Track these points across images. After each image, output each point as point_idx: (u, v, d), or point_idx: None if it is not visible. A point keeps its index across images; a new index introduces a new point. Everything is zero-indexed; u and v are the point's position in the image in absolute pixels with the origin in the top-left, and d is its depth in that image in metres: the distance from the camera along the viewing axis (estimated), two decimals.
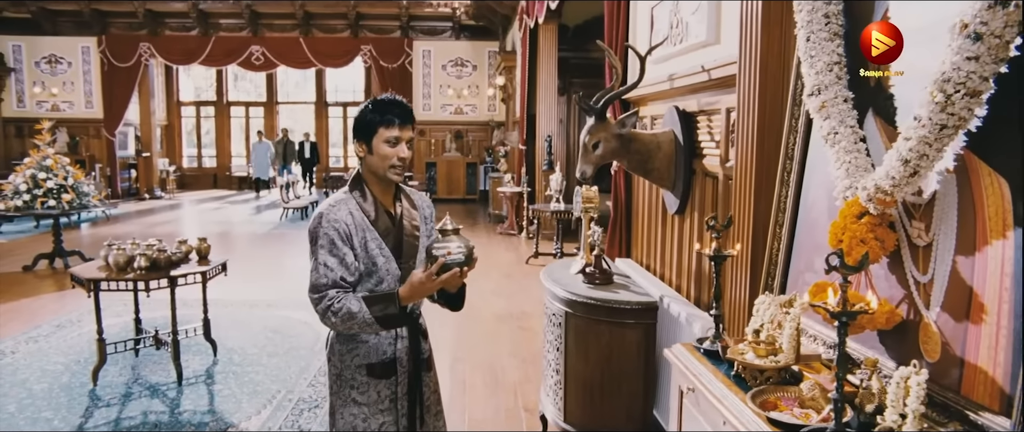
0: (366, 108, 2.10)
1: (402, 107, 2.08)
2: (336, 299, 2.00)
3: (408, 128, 2.08)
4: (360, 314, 1.98)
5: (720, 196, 2.98)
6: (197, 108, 19.78)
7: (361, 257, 2.07)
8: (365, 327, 2.02)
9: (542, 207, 8.36)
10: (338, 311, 1.99)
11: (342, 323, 2.01)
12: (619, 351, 3.13)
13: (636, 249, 4.29)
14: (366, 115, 2.08)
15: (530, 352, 5.10)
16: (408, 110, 2.10)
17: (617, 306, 3.11)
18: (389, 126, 2.05)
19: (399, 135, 2.06)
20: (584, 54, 11.06)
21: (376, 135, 2.06)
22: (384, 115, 2.05)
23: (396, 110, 2.06)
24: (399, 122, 2.05)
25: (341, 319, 1.99)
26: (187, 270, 4.33)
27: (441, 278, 1.98)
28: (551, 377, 3.50)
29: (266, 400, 4.14)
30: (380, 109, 2.06)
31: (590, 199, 3.74)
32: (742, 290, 2.49)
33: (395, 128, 2.05)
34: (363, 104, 2.13)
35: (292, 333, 5.49)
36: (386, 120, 2.04)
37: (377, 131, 2.05)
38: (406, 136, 2.08)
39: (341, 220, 2.04)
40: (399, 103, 2.09)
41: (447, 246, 1.99)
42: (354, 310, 1.98)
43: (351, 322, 2.00)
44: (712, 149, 3.09)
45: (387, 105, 2.07)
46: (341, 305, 1.99)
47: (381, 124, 2.05)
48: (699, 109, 3.22)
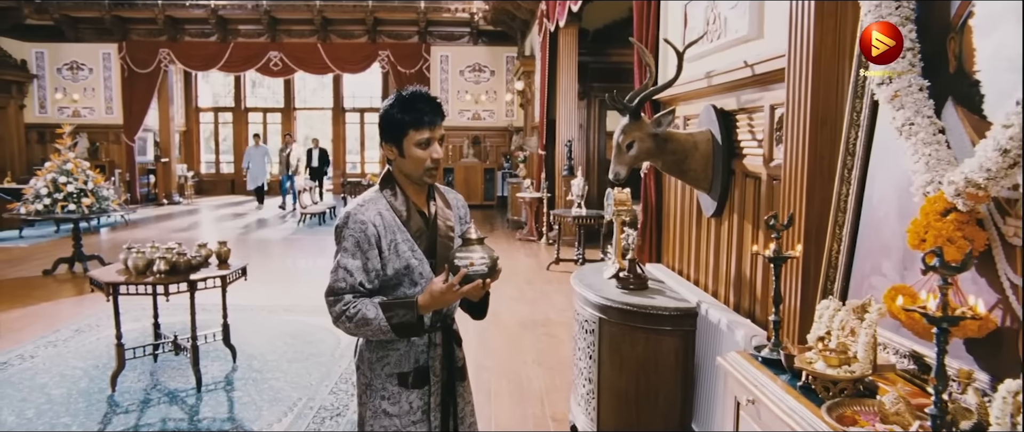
0: (392, 107, 1.95)
1: (430, 103, 1.95)
2: (351, 304, 1.90)
3: (439, 125, 1.95)
4: (375, 321, 1.87)
5: (763, 197, 2.84)
6: (215, 114, 19.91)
7: (392, 259, 1.95)
8: (379, 334, 1.90)
9: (563, 212, 8.23)
10: (353, 316, 1.88)
11: (356, 328, 1.90)
12: (656, 359, 2.99)
13: (667, 253, 4.15)
14: (393, 116, 1.94)
15: (556, 359, 4.96)
16: (437, 105, 1.96)
17: (653, 312, 2.97)
18: (420, 128, 1.92)
19: (431, 136, 1.93)
20: (604, 58, 10.96)
21: (407, 137, 1.93)
22: (413, 115, 1.91)
23: (425, 108, 1.93)
24: (429, 120, 1.92)
25: (355, 324, 1.89)
26: (207, 274, 4.25)
27: (463, 289, 1.86)
28: (582, 386, 3.37)
29: (287, 407, 4.04)
30: (408, 108, 1.92)
31: (623, 202, 3.62)
32: (793, 294, 2.35)
33: (425, 129, 1.92)
34: (387, 101, 1.98)
35: (312, 339, 5.40)
36: (416, 121, 1.91)
37: (407, 133, 1.92)
38: (438, 134, 1.95)
39: (368, 221, 1.93)
40: (426, 98, 1.95)
41: (470, 256, 1.88)
42: (369, 316, 1.88)
43: (365, 328, 1.89)
44: (753, 149, 2.95)
45: (415, 103, 1.93)
46: (356, 310, 1.88)
47: (411, 126, 1.91)
48: (739, 107, 3.08)
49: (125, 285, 4.06)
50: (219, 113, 19.97)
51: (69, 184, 7.53)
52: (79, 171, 7.69)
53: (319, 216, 13.18)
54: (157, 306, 4.77)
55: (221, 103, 20.35)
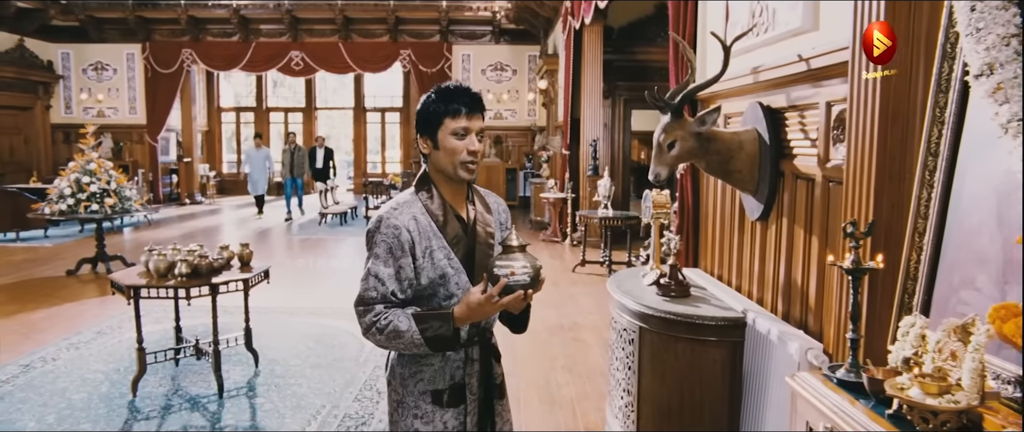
0: (429, 99, 1.84)
1: (470, 94, 1.83)
2: (383, 315, 1.76)
3: (478, 117, 1.82)
4: (408, 333, 1.74)
5: (817, 200, 2.65)
6: (237, 114, 19.98)
7: (426, 268, 1.81)
8: (412, 348, 1.77)
9: (590, 213, 8.06)
10: (384, 327, 1.74)
11: (387, 341, 1.76)
12: (701, 372, 2.82)
13: (705, 258, 3.97)
14: (429, 106, 1.83)
15: (585, 366, 4.80)
16: (477, 97, 1.84)
17: (699, 322, 2.80)
18: (456, 116, 1.79)
19: (468, 125, 1.80)
20: (629, 56, 10.77)
21: (442, 127, 1.80)
22: (450, 104, 1.80)
23: (463, 98, 1.81)
24: (467, 111, 1.80)
25: (386, 336, 1.75)
26: (229, 277, 4.14)
27: (503, 300, 1.71)
28: (620, 397, 3.20)
29: (310, 415, 3.92)
30: (445, 98, 1.81)
31: (661, 204, 3.45)
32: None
33: (463, 118, 1.79)
34: (425, 95, 1.87)
35: (335, 343, 5.28)
36: (452, 109, 1.79)
37: (443, 123, 1.80)
38: (476, 126, 1.82)
39: (402, 226, 1.79)
40: (466, 90, 1.83)
41: (511, 265, 1.73)
42: (402, 328, 1.74)
43: (397, 341, 1.76)
44: (806, 148, 2.76)
45: (453, 93, 1.82)
46: (387, 321, 1.74)
47: (447, 114, 1.79)
48: (789, 104, 2.90)
49: (146, 288, 3.96)
50: (241, 113, 20.03)
51: (92, 184, 7.51)
52: (102, 171, 7.66)
53: (340, 216, 13.11)
54: (178, 309, 4.68)
55: (243, 103, 20.43)
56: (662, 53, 10.68)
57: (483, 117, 1.85)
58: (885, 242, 2.02)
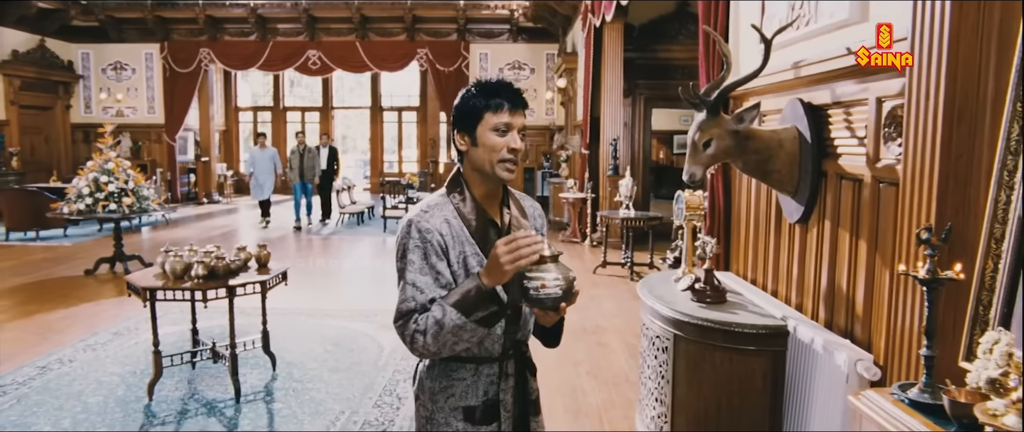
0: (469, 92, 1.73)
1: (512, 89, 1.71)
2: (419, 320, 1.61)
3: (520, 114, 1.70)
4: (447, 317, 1.57)
5: (865, 202, 2.50)
6: (254, 114, 20.02)
7: (460, 276, 1.68)
8: (460, 334, 1.58)
9: (611, 214, 7.91)
10: (426, 329, 1.58)
11: (434, 342, 1.59)
12: (740, 382, 2.68)
13: (737, 261, 3.82)
14: (469, 100, 1.71)
15: (610, 371, 4.66)
16: (519, 93, 1.72)
17: (737, 330, 2.66)
18: (498, 111, 1.67)
19: (510, 121, 1.67)
20: (650, 54, 10.59)
21: (482, 122, 1.68)
22: (491, 98, 1.68)
23: (506, 92, 1.69)
24: (510, 106, 1.67)
25: (433, 337, 1.58)
26: (246, 279, 4.05)
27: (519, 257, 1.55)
28: (652, 407, 3.07)
29: (329, 422, 3.81)
30: (486, 92, 1.69)
31: (695, 206, 3.31)
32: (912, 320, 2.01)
33: (505, 113, 1.67)
34: (464, 90, 1.76)
35: (353, 346, 5.18)
36: (494, 104, 1.67)
37: (483, 117, 1.68)
38: (518, 123, 1.69)
39: (434, 229, 1.66)
40: (508, 85, 1.72)
41: (542, 277, 1.57)
42: (438, 316, 1.58)
43: (443, 335, 1.57)
44: (852, 147, 2.61)
45: (495, 87, 1.70)
46: (425, 322, 1.59)
47: (488, 109, 1.67)
48: (833, 101, 2.75)
49: (162, 290, 3.88)
50: (258, 112, 20.07)
51: (110, 183, 7.47)
52: (120, 170, 7.63)
53: (357, 216, 13.05)
54: (195, 311, 4.60)
55: (260, 103, 20.48)
56: (684, 51, 10.50)
57: (525, 114, 1.73)
58: (950, 249, 1.87)
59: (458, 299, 1.59)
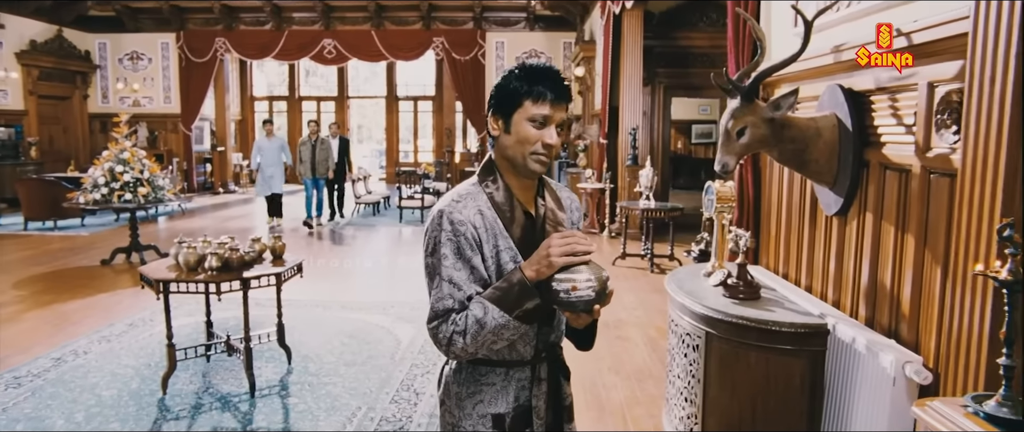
0: (511, 74, 1.58)
1: (558, 79, 1.56)
2: (457, 320, 1.49)
3: (562, 107, 1.56)
4: (488, 316, 1.46)
5: (913, 194, 2.35)
6: (270, 103, 20.01)
7: (492, 272, 1.56)
8: (502, 333, 1.48)
9: (631, 204, 7.75)
10: (465, 330, 1.47)
11: (474, 343, 1.48)
12: (776, 383, 2.54)
13: (768, 255, 3.67)
14: (510, 83, 1.57)
15: (632, 366, 4.54)
16: (565, 85, 1.58)
17: (775, 328, 2.52)
18: (539, 100, 1.53)
19: (550, 114, 1.54)
20: (670, 42, 10.39)
21: (520, 110, 1.54)
22: (535, 85, 1.53)
23: (551, 81, 1.55)
24: (552, 97, 1.53)
25: (472, 338, 1.47)
26: (260, 271, 3.96)
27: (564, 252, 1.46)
28: (681, 407, 2.94)
29: (346, 418, 3.72)
30: (531, 77, 1.55)
31: (726, 198, 3.17)
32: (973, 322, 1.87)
33: (545, 104, 1.53)
34: (508, 70, 1.61)
35: (370, 339, 5.09)
36: (536, 92, 1.53)
37: (522, 104, 1.54)
38: (558, 117, 1.55)
39: (467, 221, 1.53)
40: (556, 73, 1.57)
41: (573, 278, 1.46)
42: (479, 315, 1.46)
43: (483, 334, 1.47)
44: (899, 135, 2.46)
45: (540, 73, 1.55)
46: (464, 322, 1.48)
47: (529, 96, 1.53)
48: (876, 86, 2.59)
49: (176, 282, 3.80)
50: (274, 102, 20.05)
51: (125, 173, 7.43)
52: (135, 160, 7.58)
53: (373, 206, 12.98)
54: (210, 303, 4.52)
55: (275, 92, 20.45)
56: (704, 38, 10.30)
57: (567, 109, 1.59)
58: None
59: (500, 295, 1.48)
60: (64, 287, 6.83)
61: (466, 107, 15.54)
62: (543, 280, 1.48)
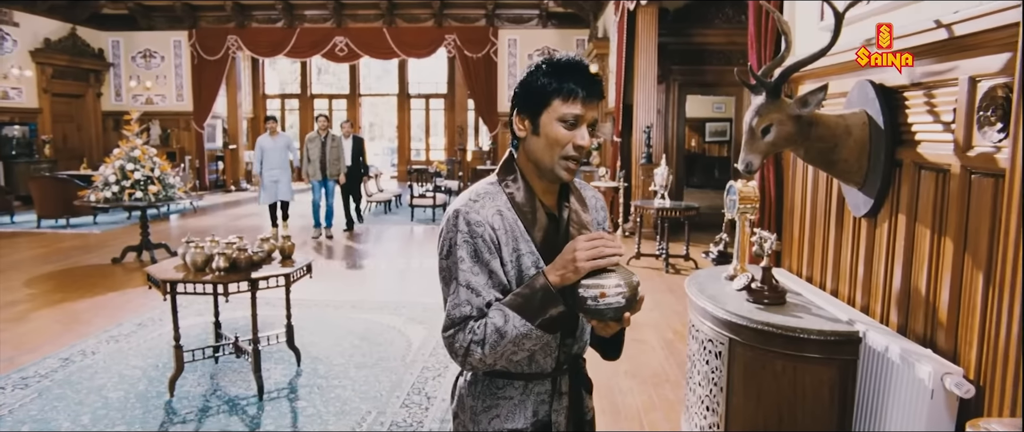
0: (538, 69, 1.45)
1: (590, 75, 1.43)
2: (476, 328, 1.38)
3: (594, 106, 1.44)
4: (509, 325, 1.35)
5: (952, 195, 2.22)
6: (282, 101, 20.01)
7: (512, 278, 1.45)
8: (524, 343, 1.37)
9: (645, 204, 7.63)
10: (484, 339, 1.37)
11: (493, 354, 1.37)
12: (804, 394, 2.42)
13: (790, 257, 3.55)
14: (538, 78, 1.44)
15: (649, 370, 4.43)
16: (597, 81, 1.44)
17: (802, 336, 2.40)
18: (570, 99, 1.40)
19: (581, 113, 1.41)
20: (685, 39, 10.25)
21: (549, 109, 1.42)
22: (565, 82, 1.41)
23: (581, 78, 1.41)
24: (584, 95, 1.41)
25: (491, 348, 1.36)
26: (269, 272, 3.88)
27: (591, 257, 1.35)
28: (702, 416, 2.83)
29: (355, 423, 3.63)
30: (560, 73, 1.42)
31: (749, 198, 3.05)
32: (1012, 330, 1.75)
33: (577, 103, 1.41)
34: (531, 66, 1.48)
35: (380, 340, 5.00)
36: (567, 90, 1.40)
37: (551, 104, 1.42)
38: (590, 116, 1.43)
39: (484, 222, 1.43)
40: (586, 68, 1.44)
41: (602, 283, 1.35)
42: (499, 324, 1.36)
43: (503, 344, 1.37)
44: (936, 134, 2.33)
45: (570, 68, 1.42)
46: (482, 331, 1.37)
47: (559, 94, 1.41)
48: (911, 82, 2.46)
49: (182, 283, 3.72)
50: (286, 100, 20.05)
51: (136, 171, 7.39)
52: (146, 158, 7.54)
53: (384, 204, 12.91)
54: (218, 303, 4.45)
55: (288, 90, 20.45)
56: (719, 35, 10.14)
57: (598, 107, 1.47)
58: None
59: (521, 302, 1.37)
60: (75, 286, 6.80)
61: (478, 105, 15.44)
62: (568, 286, 1.37)
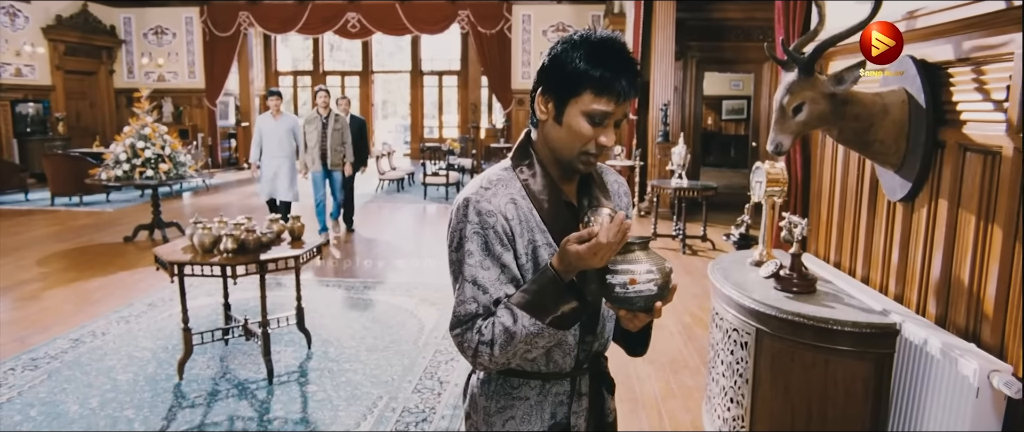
0: (573, 46, 1.27)
1: (631, 66, 1.27)
2: (483, 327, 1.26)
3: (628, 104, 1.29)
4: (519, 324, 1.23)
5: (1004, 179, 2.07)
6: (294, 78, 19.89)
7: (528, 271, 1.32)
8: (534, 341, 1.25)
9: (662, 183, 7.47)
10: (492, 340, 1.24)
11: (503, 353, 1.25)
12: (836, 389, 2.30)
13: (817, 242, 3.41)
14: (571, 59, 1.26)
15: (667, 356, 4.32)
16: (636, 73, 1.28)
17: (835, 327, 2.27)
18: (603, 94, 1.25)
19: (613, 111, 1.27)
20: (703, 15, 9.98)
21: (577, 100, 1.26)
22: (602, 72, 1.24)
23: (620, 68, 1.25)
24: (621, 91, 1.25)
25: (500, 348, 1.24)
26: (278, 254, 3.79)
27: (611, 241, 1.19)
28: (724, 407, 2.72)
29: (366, 408, 3.55)
30: (598, 60, 1.24)
31: (777, 180, 2.90)
32: None
33: (611, 100, 1.25)
34: (565, 40, 1.29)
35: (392, 323, 4.92)
36: (602, 83, 1.24)
37: (581, 94, 1.26)
38: (620, 115, 1.29)
39: (497, 212, 1.30)
40: (629, 60, 1.27)
41: (631, 270, 1.22)
42: (508, 324, 1.23)
43: (514, 344, 1.24)
44: (985, 113, 2.17)
45: (609, 54, 1.25)
46: (490, 331, 1.25)
47: (592, 86, 1.25)
48: (957, 57, 2.30)
49: (190, 265, 3.64)
50: (298, 77, 19.93)
51: (147, 149, 7.32)
52: (156, 136, 7.47)
53: (397, 182, 12.82)
54: (227, 285, 4.37)
55: (300, 67, 20.30)
56: (738, 10, 9.87)
57: (631, 103, 1.32)
58: None
59: (531, 299, 1.24)
60: (87, 265, 6.77)
61: (492, 82, 15.24)
62: (595, 273, 1.25)
